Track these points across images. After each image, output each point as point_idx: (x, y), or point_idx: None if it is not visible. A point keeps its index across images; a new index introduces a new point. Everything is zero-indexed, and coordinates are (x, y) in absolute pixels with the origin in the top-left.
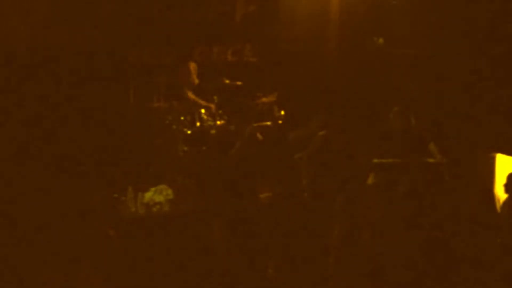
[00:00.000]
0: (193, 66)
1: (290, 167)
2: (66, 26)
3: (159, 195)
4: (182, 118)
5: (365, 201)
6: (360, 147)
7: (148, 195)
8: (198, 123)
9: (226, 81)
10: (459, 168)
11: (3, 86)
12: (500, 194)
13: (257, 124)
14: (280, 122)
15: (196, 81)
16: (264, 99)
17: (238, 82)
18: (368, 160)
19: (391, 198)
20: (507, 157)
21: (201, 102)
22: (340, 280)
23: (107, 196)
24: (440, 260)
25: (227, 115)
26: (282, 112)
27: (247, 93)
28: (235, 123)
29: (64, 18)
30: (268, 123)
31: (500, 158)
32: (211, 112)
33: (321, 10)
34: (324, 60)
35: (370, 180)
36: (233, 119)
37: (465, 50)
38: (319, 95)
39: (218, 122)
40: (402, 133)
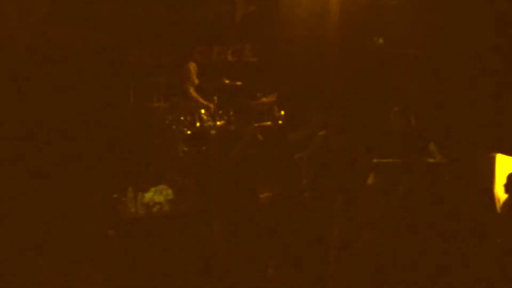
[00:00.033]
0: (193, 66)
1: (290, 167)
2: (66, 26)
3: (159, 195)
4: (182, 118)
5: (365, 201)
6: (360, 147)
7: (148, 195)
8: (198, 123)
9: (226, 81)
10: (459, 168)
11: (3, 86)
12: (500, 194)
13: (257, 124)
14: (280, 122)
15: (196, 81)
16: (264, 99)
17: (238, 82)
18: (368, 160)
19: (391, 198)
20: (507, 157)
21: (202, 101)
22: (340, 280)
23: (107, 196)
24: (440, 260)
25: (227, 115)
26: (282, 112)
27: (247, 93)
28: (235, 123)
29: (64, 18)
30: (268, 123)
31: (500, 158)
32: (211, 112)
33: (321, 10)
34: (324, 60)
35: (370, 180)
36: (233, 119)
37: (465, 50)
38: (319, 95)
39: (218, 122)
40: (402, 133)
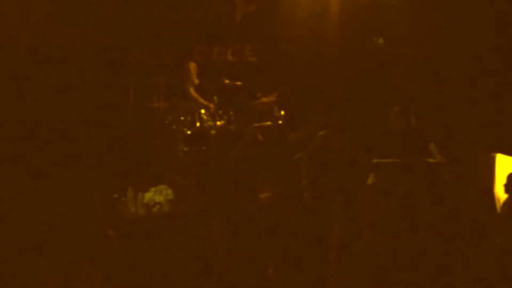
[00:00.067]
0: (193, 66)
1: (290, 167)
2: (66, 26)
3: (159, 195)
4: (182, 118)
5: (365, 201)
6: (360, 147)
7: (148, 195)
8: (198, 123)
9: (226, 81)
10: (459, 168)
11: (3, 86)
12: (500, 194)
13: (257, 124)
14: (280, 122)
15: (196, 81)
16: (264, 99)
17: (238, 82)
18: (368, 160)
19: (391, 198)
20: (507, 157)
21: (202, 101)
22: (340, 280)
23: (107, 196)
24: (440, 260)
25: (227, 115)
26: (282, 112)
27: (247, 93)
28: (235, 123)
29: (64, 18)
30: (268, 123)
31: (500, 158)
32: (211, 112)
33: (321, 10)
34: (324, 60)
35: (370, 180)
36: (233, 119)
37: (465, 50)
38: (319, 95)
39: (218, 122)
40: (402, 133)
